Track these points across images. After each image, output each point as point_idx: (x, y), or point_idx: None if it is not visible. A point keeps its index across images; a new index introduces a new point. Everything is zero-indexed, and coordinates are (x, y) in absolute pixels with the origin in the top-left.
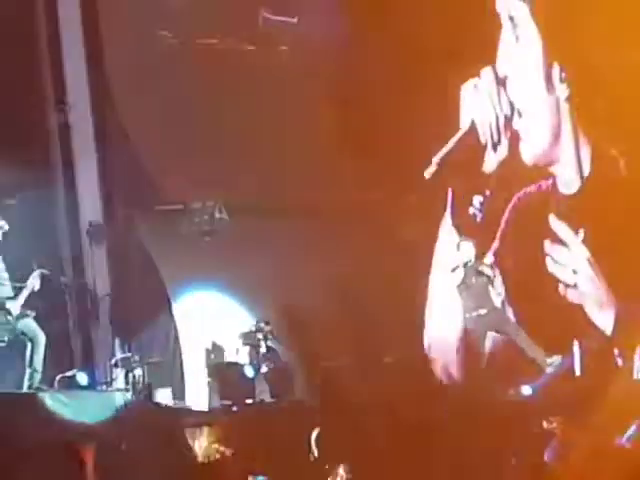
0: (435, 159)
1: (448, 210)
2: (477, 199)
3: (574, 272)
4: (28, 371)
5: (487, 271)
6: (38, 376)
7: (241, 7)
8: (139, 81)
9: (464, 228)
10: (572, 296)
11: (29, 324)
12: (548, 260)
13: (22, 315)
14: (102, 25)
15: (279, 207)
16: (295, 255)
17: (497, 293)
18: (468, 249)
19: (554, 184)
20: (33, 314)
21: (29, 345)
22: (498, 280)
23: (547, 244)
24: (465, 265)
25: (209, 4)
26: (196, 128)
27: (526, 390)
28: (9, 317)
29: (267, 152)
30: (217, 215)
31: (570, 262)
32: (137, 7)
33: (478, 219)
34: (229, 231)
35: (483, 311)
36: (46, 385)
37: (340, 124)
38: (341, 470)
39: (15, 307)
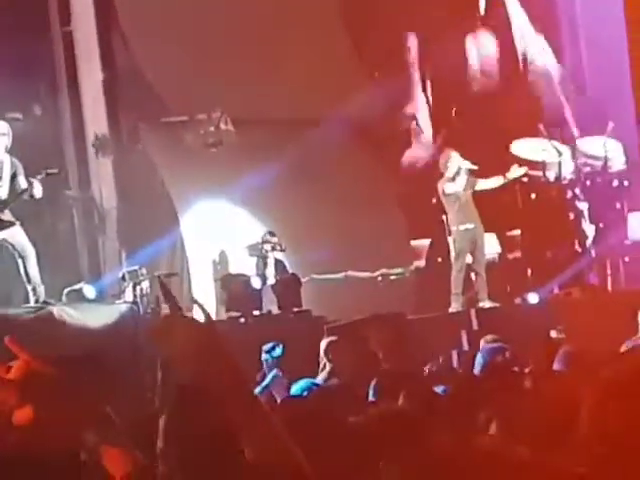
0: None
1: None
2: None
3: None
4: (29, 287)
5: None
6: (42, 289)
7: None
8: None
9: None
10: None
11: (14, 235)
12: None
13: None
14: None
15: (285, 118)
16: (301, 165)
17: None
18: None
19: None
20: (17, 223)
21: (20, 261)
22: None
23: None
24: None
25: None
26: (201, 38)
27: (533, 298)
28: None
29: (273, 61)
30: (223, 126)
31: None
32: None
33: None
34: (235, 142)
35: (470, 225)
36: (54, 299)
37: (348, 32)
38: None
39: None
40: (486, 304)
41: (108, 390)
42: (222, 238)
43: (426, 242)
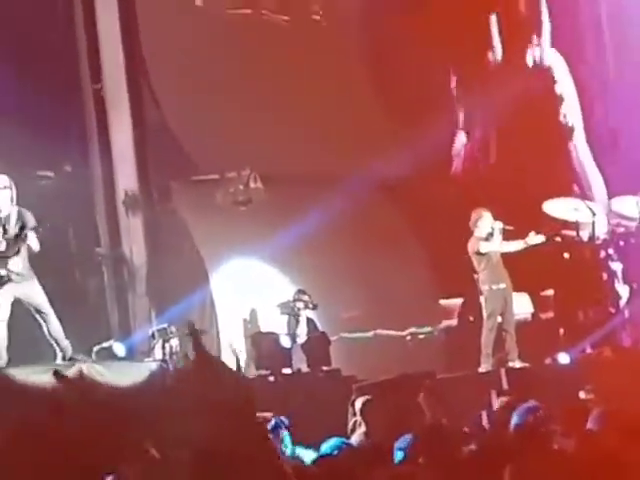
0: None
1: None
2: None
3: None
4: (53, 343)
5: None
6: (67, 345)
7: None
8: (173, 52)
9: None
10: None
11: (27, 292)
12: None
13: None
14: None
15: (314, 175)
16: (331, 223)
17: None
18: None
19: None
20: (34, 278)
21: (38, 317)
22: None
23: None
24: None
25: None
26: (230, 98)
27: (563, 359)
28: None
29: (302, 121)
30: (252, 184)
31: None
32: None
33: None
34: (265, 200)
35: (502, 285)
36: (83, 356)
37: (375, 92)
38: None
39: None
40: (516, 364)
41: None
42: (252, 296)
43: (455, 301)
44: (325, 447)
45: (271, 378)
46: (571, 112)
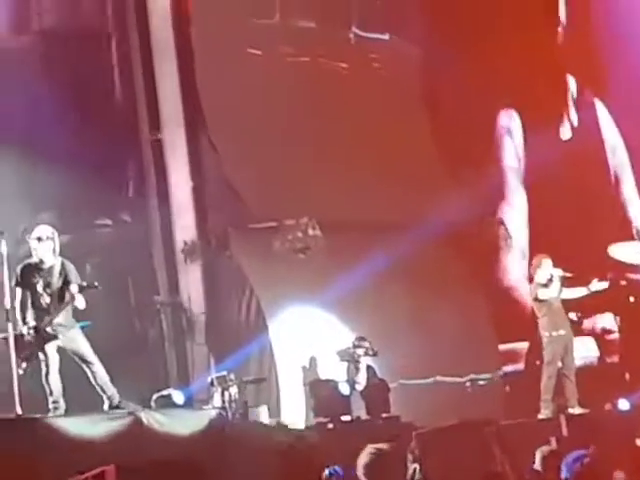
0: None
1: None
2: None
3: None
4: (99, 391)
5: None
6: (113, 393)
7: (332, 24)
8: (230, 100)
9: None
10: None
11: (71, 341)
12: None
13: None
14: (195, 44)
15: (372, 222)
16: (389, 270)
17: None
18: (549, 266)
19: None
20: (75, 326)
21: (84, 367)
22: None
23: None
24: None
25: (299, 22)
26: (288, 145)
27: (623, 405)
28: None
29: (360, 168)
30: (311, 232)
31: None
32: (227, 26)
33: None
34: (323, 248)
35: (562, 332)
36: (141, 404)
37: (433, 139)
38: None
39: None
40: (576, 410)
41: None
42: (311, 343)
43: (515, 346)
44: None
45: (330, 425)
46: (621, 162)
